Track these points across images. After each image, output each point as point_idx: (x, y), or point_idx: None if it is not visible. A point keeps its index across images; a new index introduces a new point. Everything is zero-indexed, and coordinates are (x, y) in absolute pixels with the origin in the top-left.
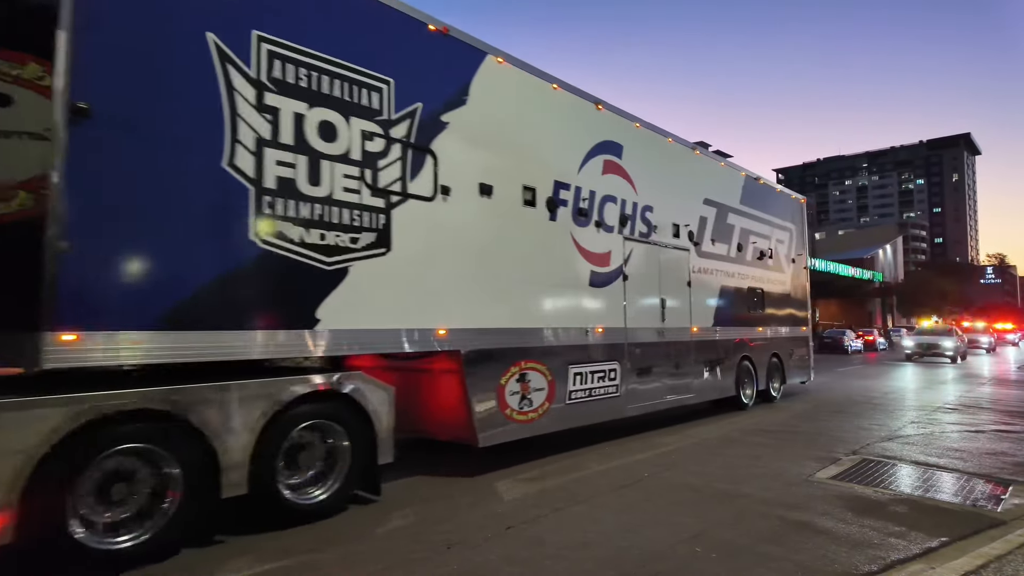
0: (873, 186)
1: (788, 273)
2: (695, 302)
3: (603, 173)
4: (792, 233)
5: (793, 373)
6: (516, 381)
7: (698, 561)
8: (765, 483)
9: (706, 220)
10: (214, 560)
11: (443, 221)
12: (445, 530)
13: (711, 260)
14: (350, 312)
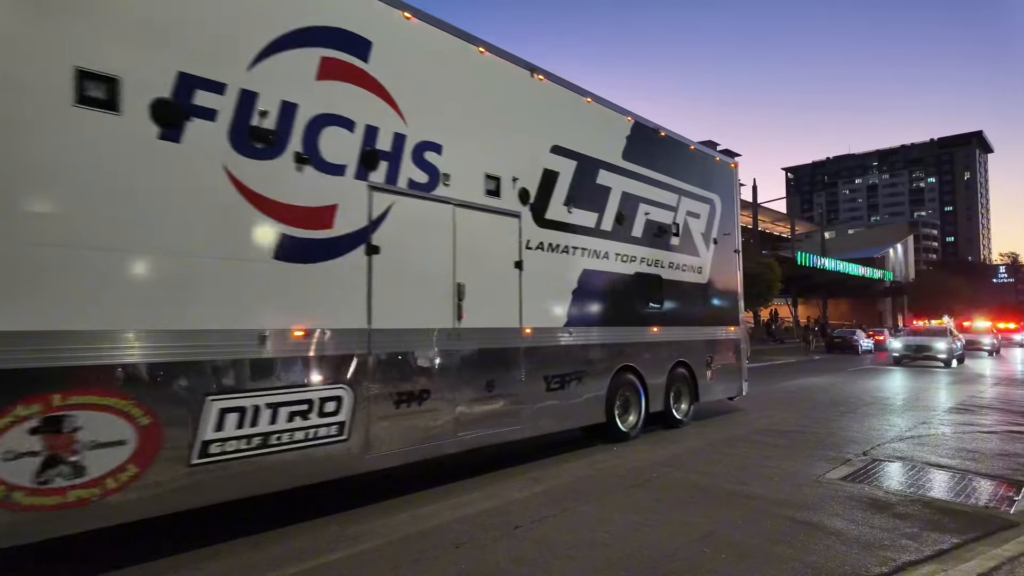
0: (884, 185)
1: (706, 257)
2: (531, 292)
3: (319, 78)
4: (715, 206)
5: (713, 387)
6: (33, 433)
7: (708, 562)
8: (775, 484)
9: (556, 176)
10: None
11: None
12: (453, 530)
13: (565, 233)
14: None
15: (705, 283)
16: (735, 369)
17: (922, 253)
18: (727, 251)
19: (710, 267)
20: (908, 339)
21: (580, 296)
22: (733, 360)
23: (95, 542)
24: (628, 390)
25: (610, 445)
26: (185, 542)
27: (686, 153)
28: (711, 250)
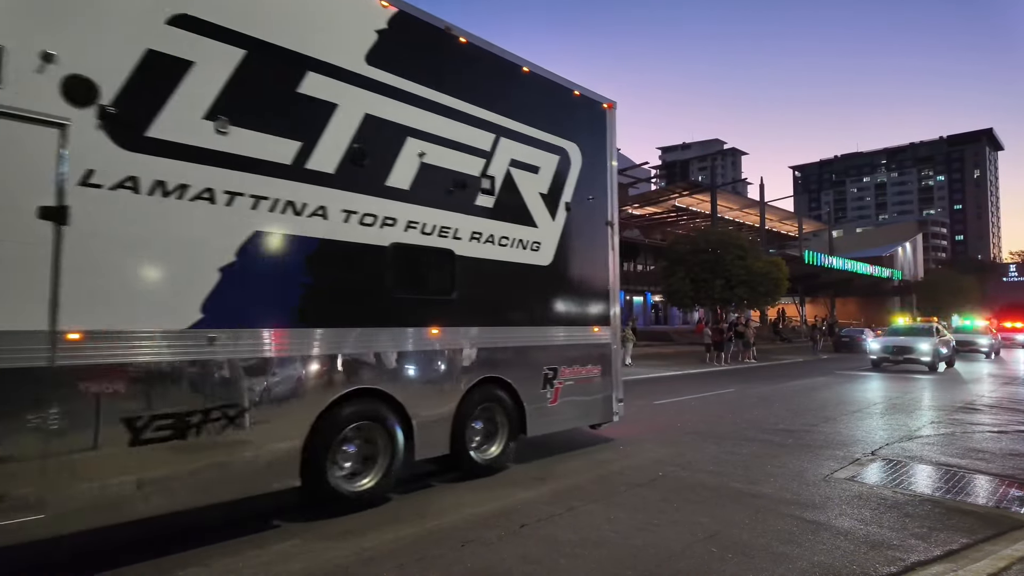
0: (892, 183)
1: (550, 229)
2: (96, 265)
3: None
4: (569, 159)
5: (558, 413)
6: None
7: (715, 561)
8: (783, 483)
9: (184, 68)
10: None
11: None
12: (459, 528)
13: (203, 167)
14: None
15: (548, 265)
16: (600, 387)
17: (931, 252)
18: (591, 223)
19: (558, 243)
20: (889, 339)
21: (244, 275)
22: (596, 374)
23: None
24: (370, 430)
25: (617, 444)
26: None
27: (513, 76)
28: (560, 219)
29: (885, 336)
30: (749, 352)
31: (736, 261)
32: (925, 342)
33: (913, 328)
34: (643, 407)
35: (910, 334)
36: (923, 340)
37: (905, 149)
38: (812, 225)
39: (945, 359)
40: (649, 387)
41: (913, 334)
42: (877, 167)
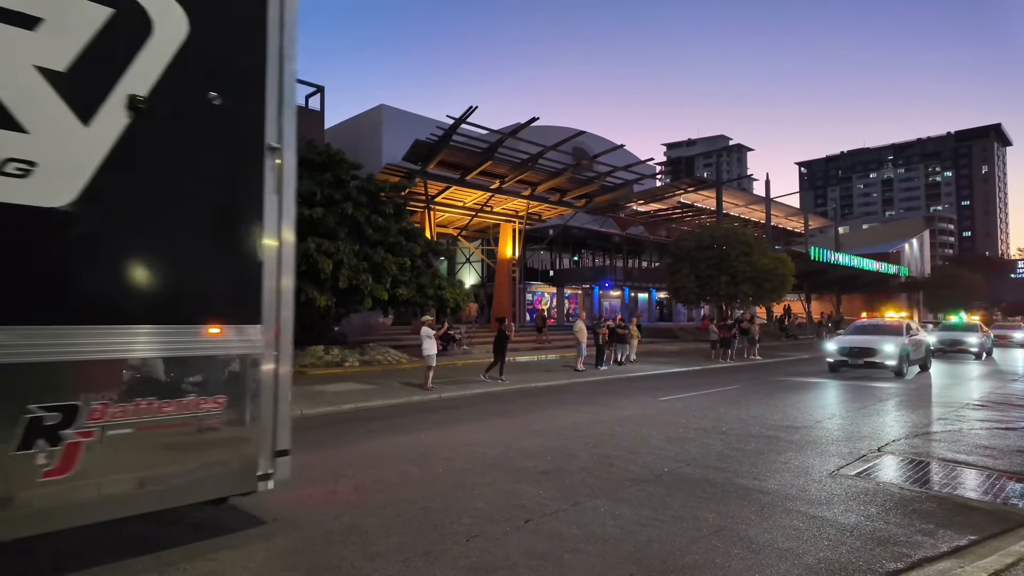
0: (899, 179)
1: (81, 141)
2: None
3: None
4: (147, 18)
5: (73, 494)
6: None
7: (719, 556)
8: (788, 479)
9: None
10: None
11: None
12: (463, 523)
13: None
14: None
15: (63, 209)
16: (221, 433)
17: (938, 248)
18: (213, 142)
19: (97, 169)
20: (850, 339)
21: None
22: (208, 412)
23: None
24: None
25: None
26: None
27: None
28: (110, 126)
29: (849, 334)
30: (754, 349)
31: (742, 257)
32: (891, 344)
33: (878, 326)
34: (648, 404)
35: (874, 332)
36: (888, 341)
37: (912, 145)
38: (818, 221)
39: (919, 361)
40: (654, 384)
41: (877, 333)
42: (884, 163)
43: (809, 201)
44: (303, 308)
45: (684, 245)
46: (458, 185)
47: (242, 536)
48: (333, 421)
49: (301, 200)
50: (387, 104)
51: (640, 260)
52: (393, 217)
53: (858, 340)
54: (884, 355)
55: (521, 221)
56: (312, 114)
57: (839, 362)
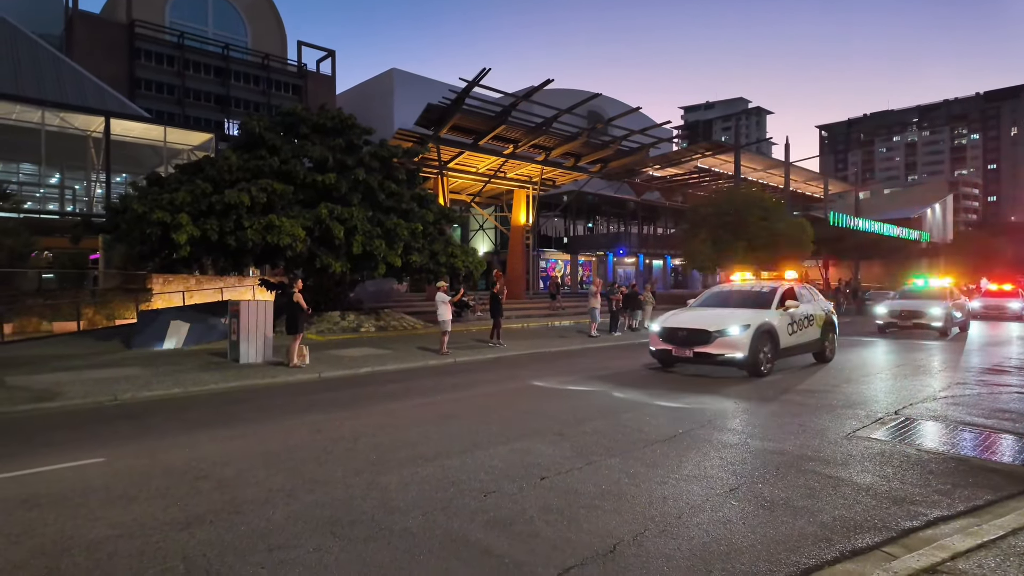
0: (923, 142)
1: None
2: None
3: None
4: None
5: None
6: None
7: (734, 513)
8: (804, 441)
9: None
10: None
11: None
12: (480, 480)
13: None
14: None
15: None
16: None
17: (962, 213)
18: None
19: None
20: (897, 304)
21: None
22: None
23: None
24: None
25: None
26: None
27: None
28: None
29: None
30: None
31: (759, 223)
32: (937, 306)
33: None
34: (662, 369)
35: (921, 297)
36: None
37: (938, 107)
38: (838, 186)
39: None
40: None
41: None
42: (908, 126)
43: (829, 165)
44: (318, 274)
45: (700, 210)
46: (471, 150)
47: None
48: (351, 384)
49: (313, 166)
50: (399, 68)
51: (655, 226)
52: (406, 183)
53: (690, 318)
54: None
55: (535, 187)
56: (323, 79)
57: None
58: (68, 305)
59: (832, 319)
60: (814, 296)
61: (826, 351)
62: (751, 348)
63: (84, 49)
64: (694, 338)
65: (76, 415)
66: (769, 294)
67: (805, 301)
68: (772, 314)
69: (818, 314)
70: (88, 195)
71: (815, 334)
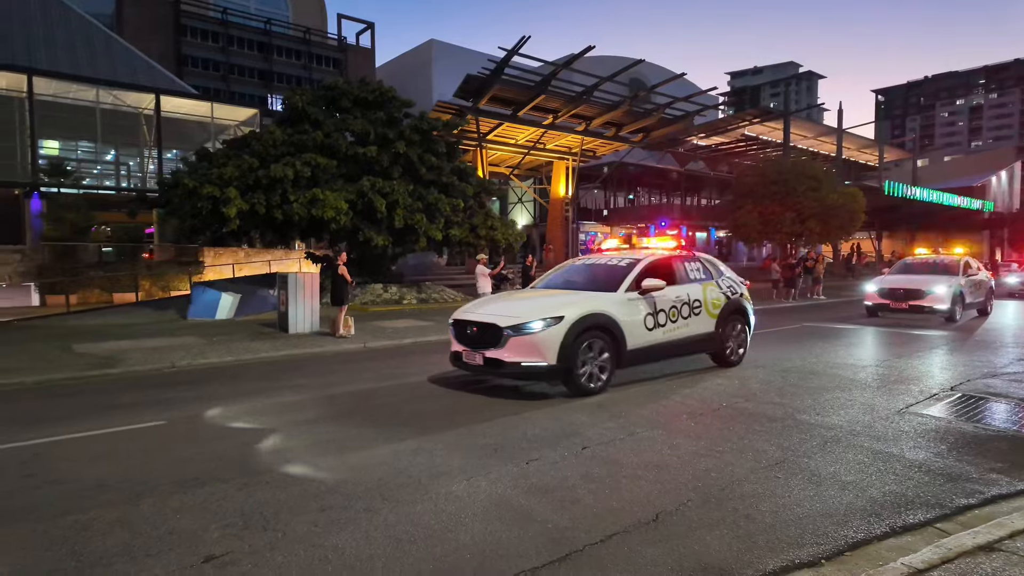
0: (990, 105)
1: None
2: None
3: None
4: None
5: None
6: None
7: (779, 487)
8: (853, 416)
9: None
10: None
11: None
12: (523, 447)
13: None
14: None
15: None
16: None
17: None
18: None
19: None
20: (891, 280)
21: None
22: None
23: None
24: None
25: (677, 375)
26: None
27: None
28: None
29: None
30: (818, 288)
31: (809, 193)
32: (941, 283)
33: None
34: None
35: (925, 271)
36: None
37: (1008, 67)
38: (895, 154)
39: (977, 305)
40: None
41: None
42: (973, 88)
43: (885, 132)
44: (361, 247)
45: (747, 180)
46: (510, 122)
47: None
48: (394, 354)
49: (355, 139)
50: (437, 39)
51: (699, 197)
52: (446, 156)
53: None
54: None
55: (574, 158)
56: (363, 52)
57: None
58: (126, 277)
59: (740, 305)
60: (981, 268)
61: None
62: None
63: (134, 27)
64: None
65: (137, 381)
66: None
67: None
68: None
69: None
70: (142, 171)
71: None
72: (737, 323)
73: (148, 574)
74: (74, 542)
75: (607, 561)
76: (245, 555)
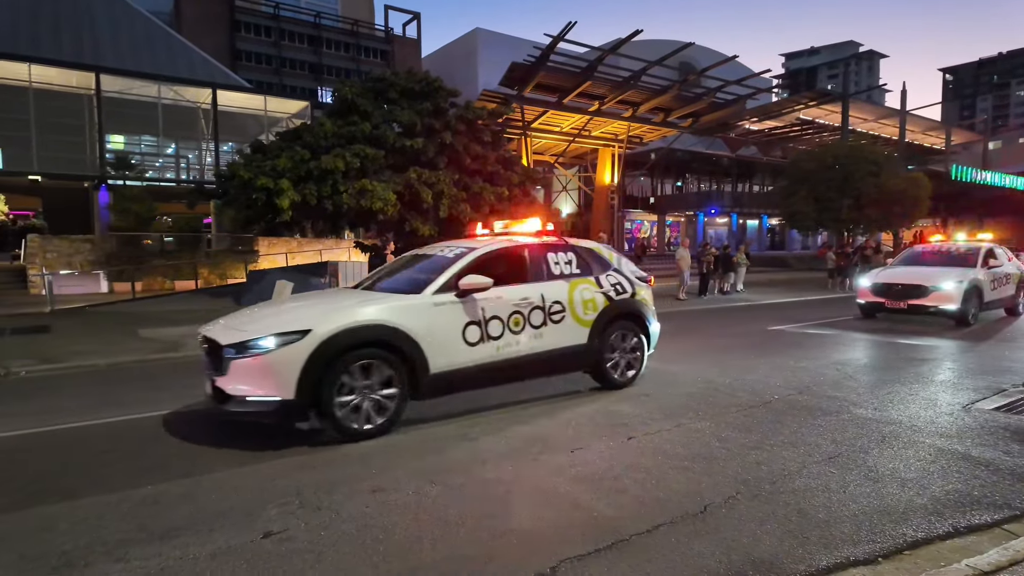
0: None
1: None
2: None
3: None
4: None
5: None
6: None
7: (834, 482)
8: (914, 411)
9: None
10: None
11: None
12: (567, 436)
13: None
14: None
15: None
16: None
17: None
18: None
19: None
20: (889, 274)
21: None
22: None
23: None
24: None
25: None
26: None
27: None
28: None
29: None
30: None
31: (868, 178)
32: (949, 278)
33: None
34: (754, 333)
35: (934, 263)
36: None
37: None
38: (963, 136)
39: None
40: (762, 313)
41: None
42: None
43: (953, 113)
44: (408, 237)
45: (802, 166)
46: (555, 109)
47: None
48: None
49: (403, 130)
50: (482, 27)
51: (751, 184)
52: (491, 145)
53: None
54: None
55: (621, 145)
56: (409, 42)
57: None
58: (186, 265)
59: (630, 309)
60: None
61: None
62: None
63: (191, 23)
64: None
65: (197, 364)
66: (973, 253)
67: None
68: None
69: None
70: (200, 163)
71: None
72: (625, 332)
73: (212, 546)
74: (144, 515)
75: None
76: (301, 532)
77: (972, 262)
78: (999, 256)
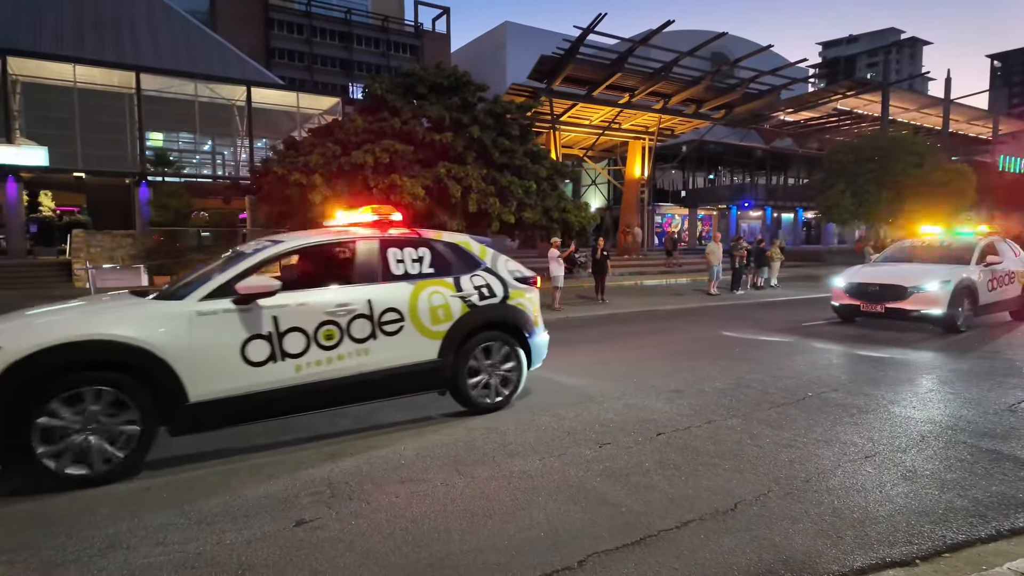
0: None
1: None
2: None
3: None
4: None
5: None
6: None
7: (870, 482)
8: (955, 410)
9: None
10: None
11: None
12: (596, 431)
13: None
14: None
15: None
16: None
17: None
18: None
19: None
20: (867, 272)
21: None
22: None
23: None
24: None
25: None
26: None
27: None
28: None
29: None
30: None
31: (909, 170)
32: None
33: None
34: (788, 329)
35: (923, 259)
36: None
37: None
38: (1012, 125)
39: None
40: (796, 309)
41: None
42: None
43: (1002, 101)
44: (436, 230)
45: (839, 158)
46: (584, 102)
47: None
48: None
49: (431, 125)
50: (511, 21)
51: (786, 176)
52: (519, 139)
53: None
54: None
55: (651, 138)
56: (439, 37)
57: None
58: None
59: (502, 317)
60: (449, 264)
61: (466, 389)
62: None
63: (226, 22)
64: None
65: None
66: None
67: (1001, 259)
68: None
69: (431, 306)
70: (235, 159)
71: (402, 353)
72: (494, 344)
73: (248, 532)
74: (182, 500)
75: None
76: (332, 521)
77: (967, 258)
78: (1002, 251)
